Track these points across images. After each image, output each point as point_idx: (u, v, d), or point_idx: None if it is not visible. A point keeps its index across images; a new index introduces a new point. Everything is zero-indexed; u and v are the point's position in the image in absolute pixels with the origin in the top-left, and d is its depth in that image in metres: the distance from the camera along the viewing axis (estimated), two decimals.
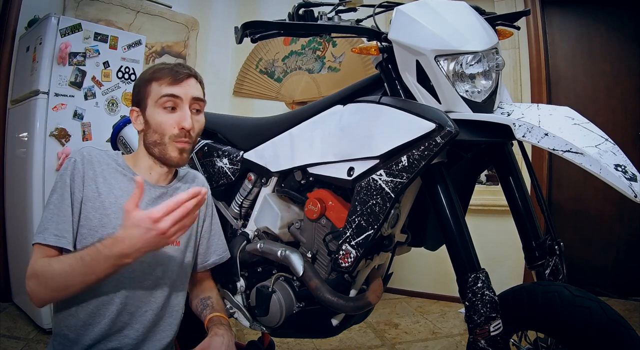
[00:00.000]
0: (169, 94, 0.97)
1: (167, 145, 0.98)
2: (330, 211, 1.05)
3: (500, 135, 0.85)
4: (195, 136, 1.02)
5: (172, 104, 0.98)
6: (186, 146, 1.00)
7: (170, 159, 0.99)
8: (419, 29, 0.88)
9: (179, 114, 0.98)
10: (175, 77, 0.98)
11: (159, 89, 0.98)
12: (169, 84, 0.97)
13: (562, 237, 0.99)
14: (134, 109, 1.02)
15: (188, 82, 0.99)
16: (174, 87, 0.97)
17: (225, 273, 1.26)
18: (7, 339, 1.92)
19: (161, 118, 0.98)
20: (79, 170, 0.94)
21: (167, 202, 0.79)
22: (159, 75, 0.98)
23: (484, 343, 0.80)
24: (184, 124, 0.97)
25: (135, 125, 1.02)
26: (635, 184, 0.70)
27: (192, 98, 0.99)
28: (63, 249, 0.91)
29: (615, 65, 2.62)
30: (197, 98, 1.01)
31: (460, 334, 2.19)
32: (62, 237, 0.90)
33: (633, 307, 2.39)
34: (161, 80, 0.98)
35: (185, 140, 0.99)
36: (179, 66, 1.01)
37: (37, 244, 0.90)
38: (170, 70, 0.99)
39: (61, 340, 0.93)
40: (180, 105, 0.98)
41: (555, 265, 0.95)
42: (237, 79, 3.32)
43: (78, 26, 2.09)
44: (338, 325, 1.17)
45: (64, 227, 0.90)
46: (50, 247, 0.90)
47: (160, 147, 0.99)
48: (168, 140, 0.98)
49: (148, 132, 0.99)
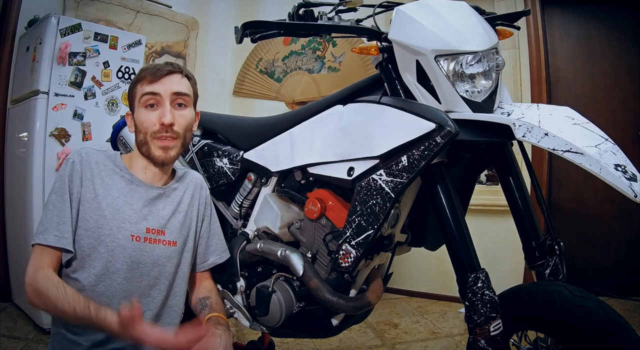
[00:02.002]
0: (148, 92, 0.98)
1: (150, 144, 0.99)
2: (330, 211, 1.05)
3: (500, 135, 0.85)
4: (182, 131, 1.01)
5: (153, 101, 0.98)
6: (170, 143, 0.99)
7: (154, 157, 0.99)
8: (419, 29, 0.88)
9: (159, 110, 0.99)
10: (154, 74, 0.98)
11: (140, 89, 0.99)
12: (149, 82, 0.98)
13: (562, 237, 0.99)
14: (128, 113, 1.05)
15: (169, 78, 0.99)
16: (153, 84, 0.98)
17: (225, 273, 1.26)
18: (7, 339, 1.92)
19: (143, 116, 0.99)
20: (77, 171, 0.94)
21: (166, 340, 0.78)
22: (142, 75, 1.00)
23: (484, 343, 0.80)
24: (163, 119, 0.97)
25: (129, 128, 1.04)
26: (635, 184, 0.70)
27: (172, 93, 0.99)
28: (63, 249, 0.91)
29: (615, 65, 2.62)
30: (178, 93, 1.00)
31: (460, 334, 2.19)
32: (63, 238, 0.90)
33: (633, 307, 2.39)
34: (143, 79, 0.99)
35: (167, 135, 0.98)
36: (162, 64, 1.01)
37: (37, 245, 0.90)
38: (152, 68, 1.00)
39: (60, 340, 0.93)
40: (160, 102, 0.99)
41: (555, 265, 0.95)
42: (237, 79, 3.32)
43: (78, 26, 2.09)
44: (338, 325, 1.17)
45: (64, 228, 0.91)
46: (51, 248, 0.90)
47: (145, 146, 0.99)
48: (150, 138, 0.99)
49: (137, 133, 1.01)
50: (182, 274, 1.06)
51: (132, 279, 0.95)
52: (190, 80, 1.04)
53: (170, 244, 1.02)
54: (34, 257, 0.89)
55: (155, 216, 1.00)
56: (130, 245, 0.95)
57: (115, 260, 0.94)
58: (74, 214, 0.92)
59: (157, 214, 1.01)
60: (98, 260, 0.93)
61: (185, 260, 1.07)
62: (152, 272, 0.98)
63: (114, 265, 0.93)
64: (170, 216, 1.03)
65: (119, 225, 0.94)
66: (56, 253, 0.91)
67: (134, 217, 0.97)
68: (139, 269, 0.96)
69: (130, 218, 0.96)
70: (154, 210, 1.01)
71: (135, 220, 0.97)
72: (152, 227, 0.99)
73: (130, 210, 0.97)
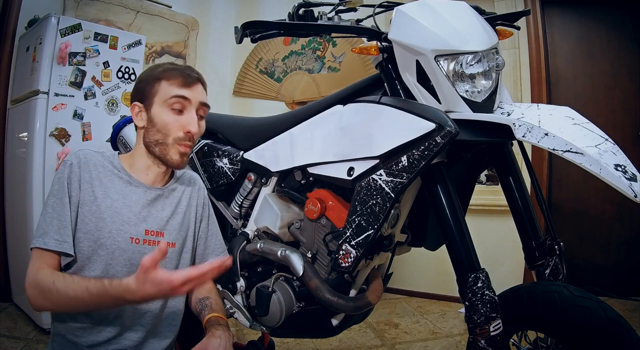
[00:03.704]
0: (180, 96, 0.97)
1: (169, 147, 0.98)
2: (330, 211, 1.05)
3: (500, 135, 0.85)
4: (196, 141, 1.03)
5: (181, 106, 0.97)
6: (188, 150, 1.00)
7: (170, 161, 0.99)
8: (419, 28, 0.88)
9: (186, 117, 0.98)
10: (186, 79, 0.98)
11: (168, 89, 0.97)
12: (180, 86, 0.97)
13: (562, 237, 0.99)
14: (137, 104, 1.00)
15: (198, 86, 1.00)
16: (184, 89, 0.97)
17: (225, 273, 1.26)
18: (7, 339, 1.92)
19: (168, 118, 0.97)
20: (76, 173, 0.94)
21: (190, 272, 0.79)
22: (170, 75, 0.98)
23: (484, 343, 0.80)
24: (190, 128, 0.97)
25: (136, 121, 1.01)
26: (635, 184, 0.70)
27: (199, 103, 1.00)
28: (63, 253, 0.90)
29: (615, 65, 2.62)
30: (204, 103, 1.01)
31: (460, 334, 2.19)
32: (64, 242, 0.89)
33: (633, 307, 2.39)
34: (172, 80, 0.97)
35: (189, 144, 0.99)
36: (189, 69, 1.01)
37: (37, 248, 0.88)
38: (182, 72, 0.98)
39: (60, 340, 0.93)
40: (188, 108, 0.98)
41: (555, 265, 0.95)
42: (237, 79, 3.32)
43: (78, 26, 2.09)
44: (338, 325, 1.17)
45: (65, 232, 0.90)
46: (51, 252, 0.88)
47: (161, 147, 0.98)
48: (172, 142, 0.98)
49: (151, 130, 0.98)
50: None
51: None
52: (206, 92, 1.05)
53: (169, 245, 1.01)
54: (34, 261, 0.88)
55: (154, 218, 1.00)
56: (130, 248, 0.95)
57: (114, 262, 0.93)
58: (73, 217, 0.92)
59: (156, 215, 1.01)
60: (97, 263, 0.92)
61: (184, 261, 1.06)
62: None
63: (113, 267, 0.93)
64: (169, 217, 1.03)
65: (118, 228, 0.94)
66: (56, 257, 0.90)
67: (133, 219, 0.97)
68: None
69: (129, 220, 0.96)
70: (153, 212, 1.01)
71: (135, 223, 0.97)
72: (151, 229, 0.99)
73: (130, 213, 0.96)
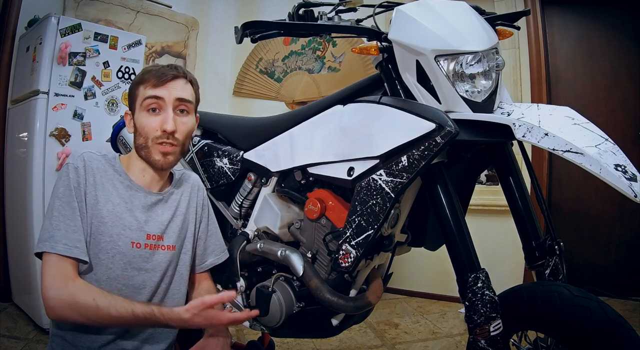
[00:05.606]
0: (152, 96, 0.96)
1: (150, 148, 0.98)
2: (330, 211, 1.05)
3: (500, 135, 0.85)
4: (182, 138, 1.00)
5: (156, 105, 0.97)
6: (169, 149, 0.98)
7: (154, 162, 0.99)
8: (419, 28, 0.88)
9: (162, 116, 0.97)
10: (159, 78, 0.97)
11: (143, 92, 0.97)
12: (153, 86, 0.97)
13: (562, 237, 0.99)
14: (127, 112, 1.03)
15: (174, 83, 0.98)
16: (157, 89, 0.97)
17: (225, 273, 1.26)
18: (7, 339, 1.92)
19: (145, 120, 0.97)
20: (82, 176, 0.93)
21: (239, 316, 0.93)
22: (146, 78, 0.98)
23: (484, 343, 0.80)
24: (165, 126, 0.96)
25: (128, 128, 1.03)
26: (635, 184, 0.70)
27: (176, 99, 0.98)
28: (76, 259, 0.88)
29: (615, 65, 2.61)
30: (182, 99, 0.99)
31: (460, 334, 2.19)
32: (74, 247, 0.87)
33: (633, 307, 2.39)
34: (146, 82, 0.97)
35: (169, 142, 0.98)
36: (167, 68, 1.00)
37: (49, 254, 0.86)
38: (156, 71, 0.98)
39: (59, 341, 0.93)
40: (163, 107, 0.97)
41: (555, 265, 0.95)
42: (237, 79, 3.32)
43: (78, 26, 2.09)
44: (338, 325, 1.17)
45: (75, 237, 0.88)
46: (64, 257, 0.86)
47: (145, 150, 0.98)
48: (151, 143, 0.97)
49: (136, 135, 1.00)
50: (180, 276, 1.06)
51: (132, 285, 0.95)
52: (193, 86, 1.03)
53: (169, 248, 1.01)
54: (50, 268, 0.85)
55: (154, 222, 1.00)
56: (130, 252, 0.95)
57: (115, 266, 0.93)
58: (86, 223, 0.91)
59: (157, 219, 1.01)
60: (98, 267, 0.92)
61: (183, 263, 1.06)
62: (152, 278, 0.98)
63: (113, 271, 0.93)
64: (169, 221, 1.03)
65: (119, 232, 0.94)
66: (75, 264, 0.88)
67: (134, 224, 0.96)
68: (139, 275, 0.96)
69: (130, 225, 0.96)
70: (154, 216, 1.01)
71: (136, 227, 0.97)
72: (151, 233, 0.99)
73: (131, 217, 0.96)
